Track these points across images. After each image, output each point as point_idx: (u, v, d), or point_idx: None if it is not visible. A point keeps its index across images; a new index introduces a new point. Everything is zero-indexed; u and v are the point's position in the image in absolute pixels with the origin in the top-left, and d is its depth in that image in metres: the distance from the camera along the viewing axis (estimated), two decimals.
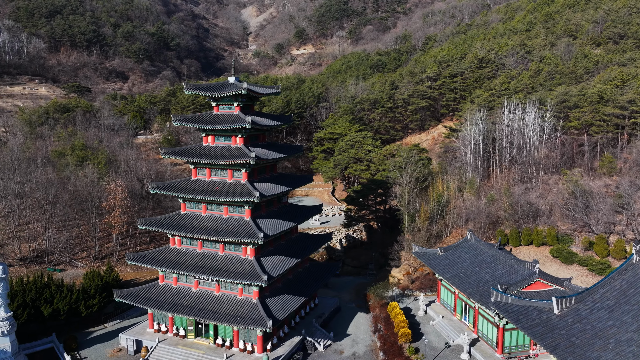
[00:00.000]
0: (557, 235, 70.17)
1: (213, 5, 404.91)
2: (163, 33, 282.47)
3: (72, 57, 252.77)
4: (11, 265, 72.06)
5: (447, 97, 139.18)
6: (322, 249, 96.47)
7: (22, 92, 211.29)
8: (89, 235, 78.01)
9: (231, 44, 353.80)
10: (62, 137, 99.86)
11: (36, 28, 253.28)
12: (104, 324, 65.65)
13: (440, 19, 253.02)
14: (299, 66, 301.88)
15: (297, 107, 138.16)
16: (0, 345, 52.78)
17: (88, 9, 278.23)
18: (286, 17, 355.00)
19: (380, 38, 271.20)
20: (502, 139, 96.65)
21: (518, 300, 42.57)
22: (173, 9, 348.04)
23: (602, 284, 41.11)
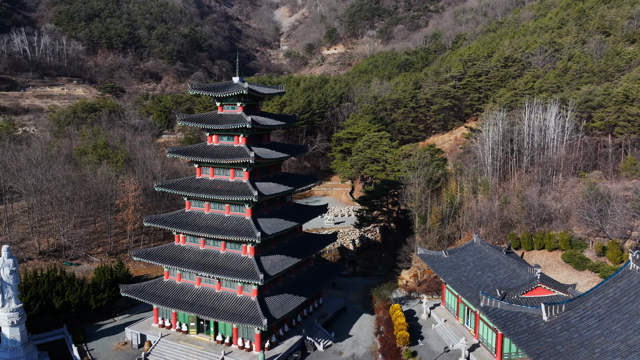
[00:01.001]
0: (570, 240, 67.81)
1: (246, 6, 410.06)
2: (196, 34, 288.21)
3: (108, 59, 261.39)
4: (31, 259, 75.33)
5: (472, 97, 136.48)
6: (335, 249, 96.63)
7: (60, 93, 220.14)
8: (105, 231, 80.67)
9: (263, 45, 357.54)
10: (86, 136, 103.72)
11: (76, 31, 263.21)
12: (114, 318, 67.62)
13: (471, 17, 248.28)
14: (329, 66, 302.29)
15: (319, 107, 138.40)
16: (10, 335, 55.13)
17: (125, 12, 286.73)
18: (317, 17, 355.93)
19: (410, 37, 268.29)
20: (522, 139, 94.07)
21: (507, 306, 41.46)
22: (207, 11, 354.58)
23: (596, 291, 39.60)
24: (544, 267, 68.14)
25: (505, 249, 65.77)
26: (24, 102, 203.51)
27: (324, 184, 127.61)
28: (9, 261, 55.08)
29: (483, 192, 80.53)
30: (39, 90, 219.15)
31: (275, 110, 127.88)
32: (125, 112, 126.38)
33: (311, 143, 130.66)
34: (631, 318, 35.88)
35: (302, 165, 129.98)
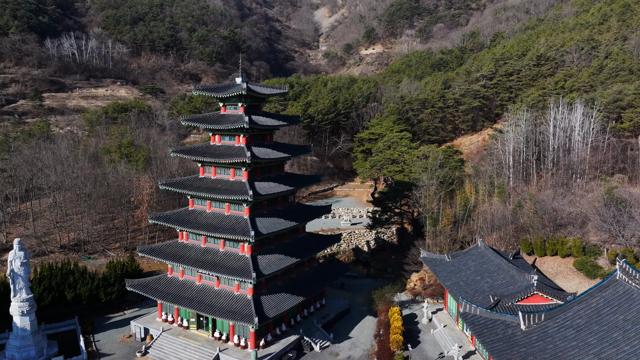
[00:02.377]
0: (584, 247, 64.70)
1: (287, 7, 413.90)
2: (235, 36, 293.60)
3: (151, 61, 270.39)
4: (52, 252, 79.20)
5: (502, 97, 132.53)
6: (349, 250, 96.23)
7: (104, 94, 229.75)
8: (123, 227, 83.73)
9: (302, 46, 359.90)
10: (114, 135, 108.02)
11: (121, 34, 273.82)
12: (124, 311, 70.00)
13: (512, 15, 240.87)
14: (366, 66, 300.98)
15: (344, 107, 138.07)
16: (20, 323, 58.15)
17: (167, 15, 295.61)
18: (357, 17, 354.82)
19: (449, 36, 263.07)
20: (546, 141, 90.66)
21: (486, 313, 40.14)
22: (247, 13, 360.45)
23: (579, 300, 37.76)
24: (554, 274, 65.49)
25: (512, 254, 63.72)
26: (70, 103, 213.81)
27: (346, 185, 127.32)
28: (20, 254, 58.14)
29: (498, 195, 78.05)
30: (84, 91, 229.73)
31: (299, 110, 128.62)
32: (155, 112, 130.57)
33: (335, 143, 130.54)
34: (609, 330, 34.00)
35: (325, 166, 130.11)
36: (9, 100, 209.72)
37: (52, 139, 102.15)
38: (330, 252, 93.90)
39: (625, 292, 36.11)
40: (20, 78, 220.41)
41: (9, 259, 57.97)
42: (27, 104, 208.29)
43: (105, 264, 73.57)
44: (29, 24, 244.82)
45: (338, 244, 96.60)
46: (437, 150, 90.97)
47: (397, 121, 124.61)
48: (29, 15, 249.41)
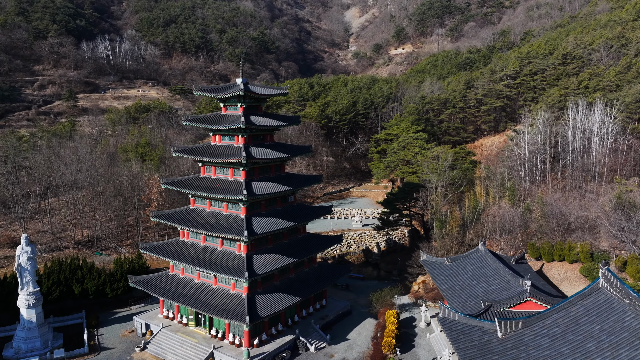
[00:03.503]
0: (591, 253, 62.22)
1: (317, 8, 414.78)
2: (264, 37, 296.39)
3: (181, 62, 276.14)
4: (67, 248, 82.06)
5: (525, 97, 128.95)
6: (359, 251, 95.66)
7: (135, 95, 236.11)
8: (135, 225, 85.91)
9: (332, 46, 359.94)
10: (133, 135, 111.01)
11: (154, 37, 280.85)
12: (130, 307, 71.74)
13: (545, 12, 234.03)
14: (395, 66, 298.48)
15: (363, 108, 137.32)
16: (27, 316, 60.54)
17: (199, 17, 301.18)
18: (387, 17, 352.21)
19: (479, 35, 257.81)
20: (563, 142, 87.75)
21: (464, 318, 39.17)
22: (278, 14, 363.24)
23: (559, 307, 36.39)
24: (561, 280, 63.32)
25: (515, 259, 62.00)
26: (103, 104, 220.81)
27: (363, 185, 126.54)
28: (27, 248, 60.52)
29: (509, 197, 75.99)
30: (117, 92, 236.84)
31: (317, 110, 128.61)
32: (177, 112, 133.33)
33: (352, 144, 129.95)
34: (584, 340, 32.63)
35: (341, 166, 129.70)
36: (46, 101, 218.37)
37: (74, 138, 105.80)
38: (340, 253, 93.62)
39: (606, 301, 34.56)
40: (57, 80, 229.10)
41: (16, 253, 60.42)
42: (63, 104, 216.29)
43: (113, 260, 75.57)
44: (67, 27, 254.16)
45: (348, 245, 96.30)
46: (448, 152, 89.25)
47: (416, 122, 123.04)
48: (67, 19, 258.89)
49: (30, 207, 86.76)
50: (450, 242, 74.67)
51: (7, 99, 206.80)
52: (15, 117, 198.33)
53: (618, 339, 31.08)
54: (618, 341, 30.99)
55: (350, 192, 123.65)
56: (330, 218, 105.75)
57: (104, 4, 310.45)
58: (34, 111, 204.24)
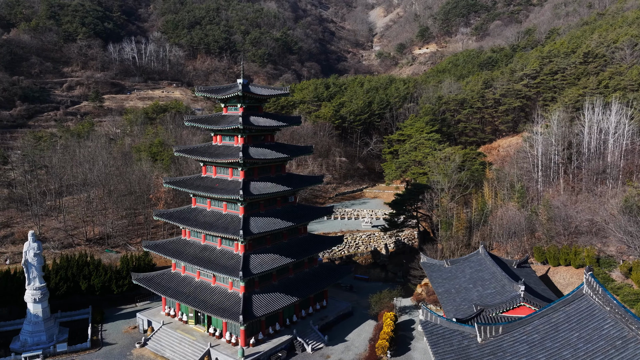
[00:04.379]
0: (598, 257, 60.24)
1: (342, 8, 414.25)
2: (287, 38, 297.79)
3: (205, 63, 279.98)
4: (79, 245, 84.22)
5: (545, 97, 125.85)
6: (367, 252, 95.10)
7: (160, 95, 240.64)
8: (144, 223, 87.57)
9: (355, 46, 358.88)
10: (148, 135, 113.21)
11: (179, 38, 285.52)
12: (135, 304, 73.14)
13: (573, 10, 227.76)
14: (418, 66, 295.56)
15: (379, 108, 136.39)
16: (33, 310, 62.43)
17: (223, 19, 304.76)
18: (411, 17, 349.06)
19: (504, 34, 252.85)
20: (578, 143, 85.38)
21: (446, 322, 38.50)
22: (302, 15, 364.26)
23: (540, 314, 35.42)
24: (565, 285, 61.58)
25: (517, 263, 60.59)
26: (128, 104, 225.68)
27: (377, 186, 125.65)
28: (33, 245, 62.42)
29: (517, 199, 74.30)
30: (142, 93, 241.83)
31: (331, 111, 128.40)
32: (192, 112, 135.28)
33: (367, 144, 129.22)
34: (561, 348, 31.64)
35: (355, 167, 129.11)
36: (74, 102, 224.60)
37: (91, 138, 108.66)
38: (347, 254, 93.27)
39: (588, 307, 33.43)
40: (85, 81, 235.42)
41: (24, 249, 62.38)
42: (89, 105, 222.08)
43: (119, 258, 77.13)
44: (95, 30, 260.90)
45: (356, 246, 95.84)
46: (458, 152, 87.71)
47: (431, 122, 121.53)
48: (96, 22, 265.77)
49: (46, 205, 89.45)
50: (456, 244, 73.63)
51: (37, 99, 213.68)
52: (44, 118, 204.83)
53: (594, 347, 30.04)
54: (594, 349, 29.96)
55: (364, 192, 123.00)
56: (340, 218, 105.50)
57: (131, 7, 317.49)
58: (62, 111, 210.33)
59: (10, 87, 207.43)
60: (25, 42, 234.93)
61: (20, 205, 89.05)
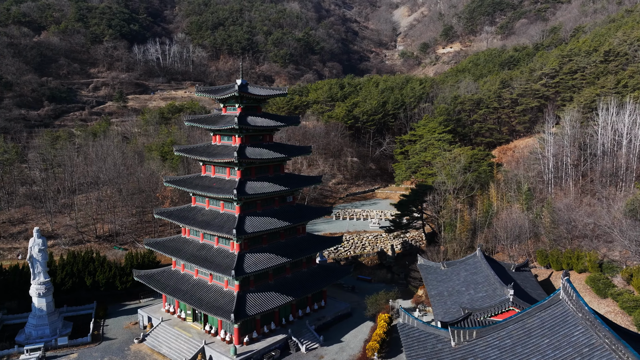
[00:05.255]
0: (600, 262, 58.37)
1: (365, 8, 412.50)
2: (309, 38, 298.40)
3: (228, 64, 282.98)
4: (89, 241, 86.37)
5: (563, 96, 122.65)
6: (373, 253, 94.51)
7: (182, 95, 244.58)
8: (152, 221, 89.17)
9: (379, 46, 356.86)
10: (162, 134, 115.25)
11: (202, 39, 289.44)
12: (139, 300, 74.56)
13: (601, 6, 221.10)
14: (442, 65, 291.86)
15: (393, 108, 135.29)
16: (38, 304, 64.32)
17: (246, 20, 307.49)
18: (436, 16, 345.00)
19: (528, 32, 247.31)
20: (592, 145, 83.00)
21: (422, 325, 38.00)
22: (325, 15, 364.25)
23: (516, 318, 34.60)
24: None
25: (515, 266, 59.30)
26: (151, 104, 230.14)
27: (389, 187, 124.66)
28: (38, 241, 64.32)
29: (522, 202, 72.67)
30: (165, 93, 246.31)
31: (343, 111, 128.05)
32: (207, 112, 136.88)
33: (379, 144, 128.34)
34: (530, 354, 30.82)
35: (367, 167, 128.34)
36: (99, 102, 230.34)
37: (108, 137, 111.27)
38: (353, 255, 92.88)
39: (563, 313, 32.47)
40: (110, 81, 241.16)
41: (29, 245, 64.36)
42: (113, 105, 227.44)
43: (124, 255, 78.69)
44: (121, 32, 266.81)
45: (362, 247, 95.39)
46: (466, 154, 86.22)
47: (445, 122, 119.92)
48: (122, 24, 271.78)
49: (59, 203, 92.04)
50: (459, 246, 72.50)
51: (64, 100, 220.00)
52: (70, 117, 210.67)
53: (562, 354, 29.19)
54: (561, 356, 29.11)
55: (375, 193, 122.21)
56: (349, 219, 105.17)
57: (157, 9, 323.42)
58: (87, 111, 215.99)
59: (39, 88, 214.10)
60: (54, 44, 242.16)
61: (35, 203, 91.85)
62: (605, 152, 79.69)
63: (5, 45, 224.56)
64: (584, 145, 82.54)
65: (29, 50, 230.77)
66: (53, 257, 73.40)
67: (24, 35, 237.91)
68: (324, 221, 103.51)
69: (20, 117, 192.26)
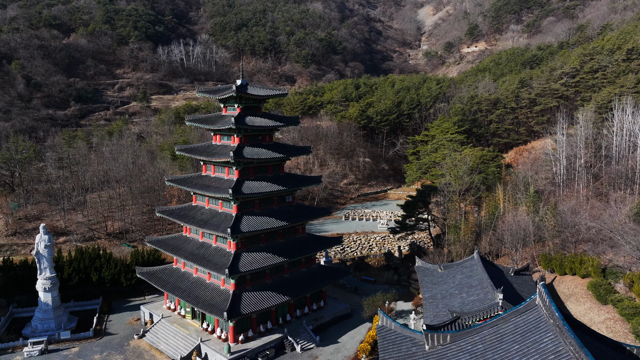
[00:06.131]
0: (604, 268, 56.45)
1: (390, 7, 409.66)
2: (331, 38, 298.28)
3: (250, 64, 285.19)
4: (99, 238, 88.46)
5: (583, 96, 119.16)
6: (381, 254, 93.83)
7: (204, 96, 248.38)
8: (161, 219, 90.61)
9: (403, 45, 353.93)
10: (176, 134, 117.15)
11: (225, 40, 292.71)
12: (144, 296, 75.90)
13: (632, 3, 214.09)
14: (466, 65, 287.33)
15: (409, 108, 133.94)
16: (43, 299, 66.20)
17: (269, 20, 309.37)
18: (461, 14, 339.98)
19: (555, 30, 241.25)
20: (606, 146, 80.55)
21: (399, 328, 37.56)
22: (348, 14, 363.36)
23: (491, 323, 33.84)
24: (568, 296, 58.25)
25: (514, 270, 57.94)
26: (173, 104, 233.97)
27: (402, 188, 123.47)
28: (45, 237, 66.21)
29: (528, 204, 70.97)
30: (187, 93, 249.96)
31: (357, 111, 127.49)
32: None
33: (393, 145, 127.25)
34: None
35: (380, 168, 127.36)
36: (123, 102, 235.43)
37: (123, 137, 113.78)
38: (360, 255, 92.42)
39: (537, 319, 31.55)
40: (135, 82, 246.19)
41: (36, 241, 66.33)
42: (137, 105, 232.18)
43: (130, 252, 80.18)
44: (146, 33, 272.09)
45: (369, 247, 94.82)
46: (474, 154, 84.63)
47: (460, 122, 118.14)
48: (148, 25, 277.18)
49: (73, 200, 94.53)
50: (463, 249, 71.33)
51: (90, 100, 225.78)
52: (95, 117, 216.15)
53: None
54: None
55: (388, 194, 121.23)
56: (358, 219, 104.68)
57: (183, 10, 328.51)
58: (112, 111, 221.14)
59: (67, 89, 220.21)
60: (82, 46, 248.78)
61: (51, 200, 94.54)
62: (618, 155, 77.07)
63: (36, 48, 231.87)
64: (597, 146, 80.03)
65: (58, 52, 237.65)
66: (62, 253, 75.42)
67: (54, 38, 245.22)
68: (333, 221, 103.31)
69: (47, 116, 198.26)
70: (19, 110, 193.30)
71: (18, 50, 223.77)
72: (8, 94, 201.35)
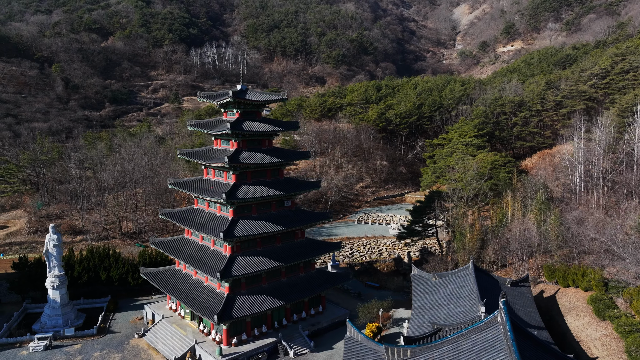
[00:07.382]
0: (606, 281, 53.79)
1: (425, 7, 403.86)
2: (362, 39, 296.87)
3: (281, 65, 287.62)
4: (114, 238, 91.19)
5: (612, 98, 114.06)
6: (390, 259, 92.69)
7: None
8: None
9: (437, 45, 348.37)
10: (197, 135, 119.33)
11: (257, 42, 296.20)
12: (152, 296, 77.69)
13: None
14: (501, 64, 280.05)
15: (429, 110, 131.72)
16: (52, 296, 68.80)
17: (301, 22, 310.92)
18: (497, 13, 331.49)
19: (593, 28, 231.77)
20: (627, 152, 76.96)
21: (365, 340, 37.01)
22: (381, 14, 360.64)
23: (452, 339, 32.94)
24: (569, 309, 55.92)
25: (511, 281, 56.13)
26: (204, 105, 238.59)
27: (419, 191, 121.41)
28: (54, 237, 68.80)
29: (535, 212, 68.53)
30: None
31: (376, 113, 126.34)
32: None
33: (412, 147, 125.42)
34: None
35: (397, 171, 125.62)
36: (156, 103, 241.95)
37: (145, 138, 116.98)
38: (369, 260, 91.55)
39: (494, 338, 30.44)
40: (168, 84, 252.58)
41: (45, 240, 69.02)
42: (169, 106, 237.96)
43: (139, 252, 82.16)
44: (180, 36, 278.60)
45: (379, 252, 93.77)
46: (484, 159, 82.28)
47: (481, 125, 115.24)
48: (182, 28, 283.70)
49: (92, 200, 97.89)
50: (467, 257, 69.55)
51: (125, 101, 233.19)
52: (128, 118, 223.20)
53: None
54: None
55: (405, 197, 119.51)
56: (371, 223, 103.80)
57: (217, 13, 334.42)
58: (144, 112, 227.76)
59: (102, 90, 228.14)
60: (119, 49, 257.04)
61: (72, 200, 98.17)
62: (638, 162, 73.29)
63: (76, 51, 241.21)
64: (615, 152, 76.44)
65: (96, 55, 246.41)
66: (73, 251, 78.16)
67: (92, 41, 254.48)
68: (345, 224, 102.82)
69: (83, 117, 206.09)
70: (57, 111, 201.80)
71: (59, 53, 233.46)
72: (48, 95, 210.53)
